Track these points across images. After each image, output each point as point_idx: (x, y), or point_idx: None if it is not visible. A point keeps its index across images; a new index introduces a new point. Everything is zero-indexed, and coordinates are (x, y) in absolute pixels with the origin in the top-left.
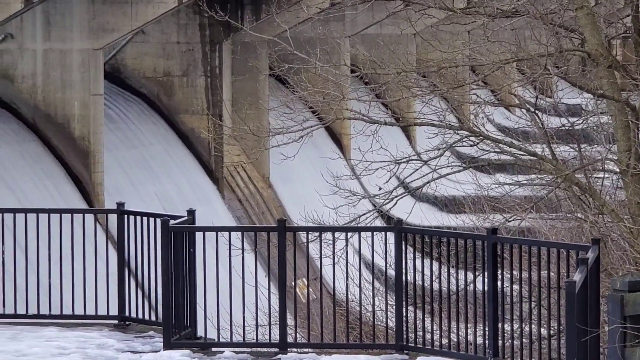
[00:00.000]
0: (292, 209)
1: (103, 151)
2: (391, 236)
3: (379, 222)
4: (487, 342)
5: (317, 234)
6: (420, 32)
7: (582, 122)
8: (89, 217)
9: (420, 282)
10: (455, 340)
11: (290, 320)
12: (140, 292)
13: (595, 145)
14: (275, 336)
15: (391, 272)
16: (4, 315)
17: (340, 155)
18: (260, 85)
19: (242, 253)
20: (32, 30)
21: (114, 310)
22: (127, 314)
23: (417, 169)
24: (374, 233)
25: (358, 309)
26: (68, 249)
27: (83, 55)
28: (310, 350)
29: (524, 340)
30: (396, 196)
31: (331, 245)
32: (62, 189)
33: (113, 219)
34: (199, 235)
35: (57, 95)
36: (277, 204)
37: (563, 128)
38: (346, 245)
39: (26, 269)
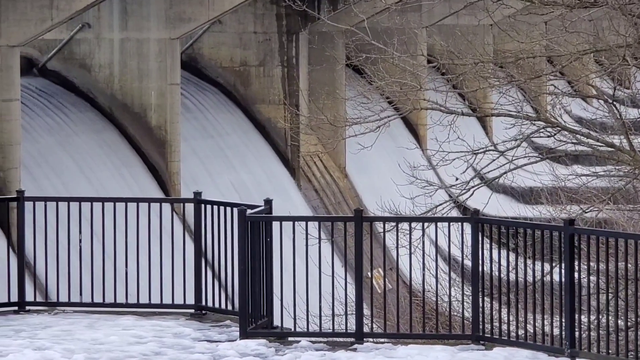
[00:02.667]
0: (368, 199)
1: (180, 140)
2: (467, 227)
3: (454, 213)
4: (564, 333)
5: (393, 223)
6: (498, 23)
7: None
8: (166, 206)
9: (497, 273)
10: (532, 331)
11: (366, 310)
12: (216, 282)
13: None
14: (352, 326)
15: (467, 262)
16: (81, 304)
17: (417, 146)
18: (336, 75)
19: (319, 243)
20: (109, 20)
21: (191, 300)
22: (203, 303)
23: (494, 160)
24: (451, 223)
25: (434, 299)
26: (145, 238)
27: (160, 45)
28: (386, 340)
29: (601, 331)
30: (473, 186)
31: (407, 236)
32: (139, 178)
33: (190, 208)
34: (275, 225)
35: (134, 84)
36: (353, 194)
37: None
38: (422, 235)
39: (103, 258)
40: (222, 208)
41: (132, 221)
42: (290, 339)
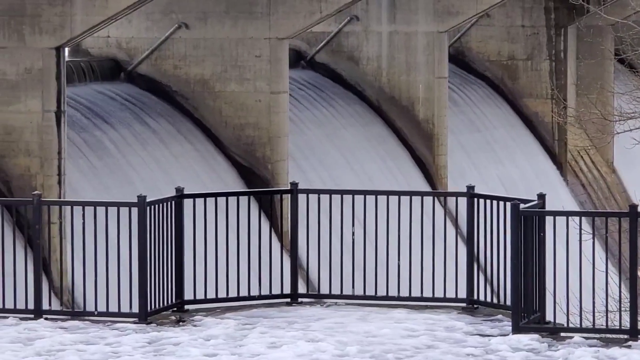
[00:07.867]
0: (637, 195)
1: (447, 134)
2: None
3: None
4: None
5: None
6: None
7: None
8: (435, 200)
9: None
10: None
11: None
12: (488, 276)
13: None
14: (625, 323)
15: None
16: (353, 296)
17: None
18: (605, 69)
19: (593, 238)
20: (377, 13)
21: (462, 293)
22: (475, 297)
23: None
24: None
25: None
26: (416, 231)
27: (428, 38)
28: None
29: None
30: None
31: None
32: (406, 172)
33: (458, 201)
34: (548, 220)
35: (402, 77)
36: (621, 190)
37: None
38: None
39: (376, 251)
40: (493, 202)
41: (404, 215)
42: (562, 334)
